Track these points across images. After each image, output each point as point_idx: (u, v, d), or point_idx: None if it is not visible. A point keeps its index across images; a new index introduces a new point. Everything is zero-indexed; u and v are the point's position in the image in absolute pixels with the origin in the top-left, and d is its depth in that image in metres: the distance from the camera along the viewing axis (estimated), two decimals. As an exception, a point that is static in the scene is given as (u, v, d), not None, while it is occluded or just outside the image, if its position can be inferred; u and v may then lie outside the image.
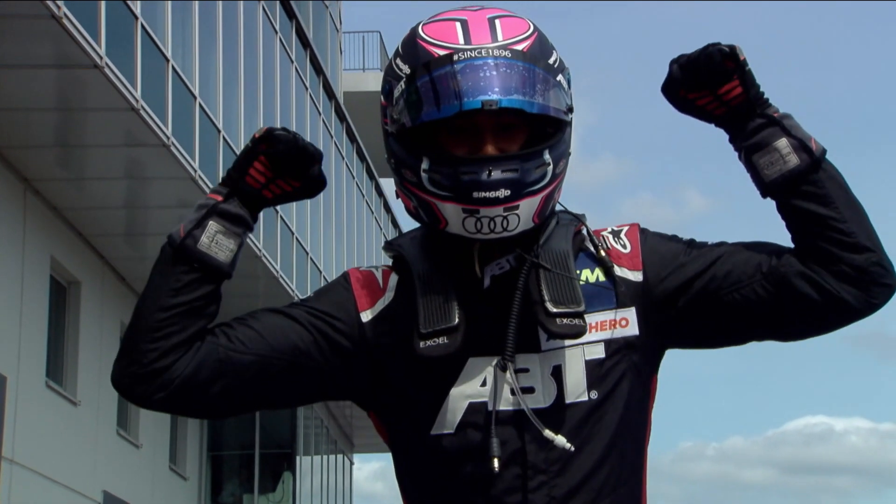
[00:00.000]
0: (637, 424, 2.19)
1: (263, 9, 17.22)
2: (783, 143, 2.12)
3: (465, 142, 2.09)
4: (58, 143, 12.92)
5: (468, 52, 2.07)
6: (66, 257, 14.53)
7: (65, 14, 10.42)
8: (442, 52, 2.08)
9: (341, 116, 22.31)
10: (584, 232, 2.21)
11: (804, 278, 2.12)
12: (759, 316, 2.15)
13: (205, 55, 14.64)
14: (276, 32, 17.95)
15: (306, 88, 19.69)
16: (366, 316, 2.17)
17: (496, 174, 2.06)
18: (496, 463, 2.08)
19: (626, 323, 2.16)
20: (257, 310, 2.18)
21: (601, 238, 2.22)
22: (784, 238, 2.18)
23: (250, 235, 2.15)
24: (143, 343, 2.06)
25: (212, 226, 2.08)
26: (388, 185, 28.34)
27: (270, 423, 20.93)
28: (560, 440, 2.09)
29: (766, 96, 2.15)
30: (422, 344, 2.09)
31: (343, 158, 22.26)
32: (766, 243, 2.19)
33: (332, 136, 21.38)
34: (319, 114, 20.48)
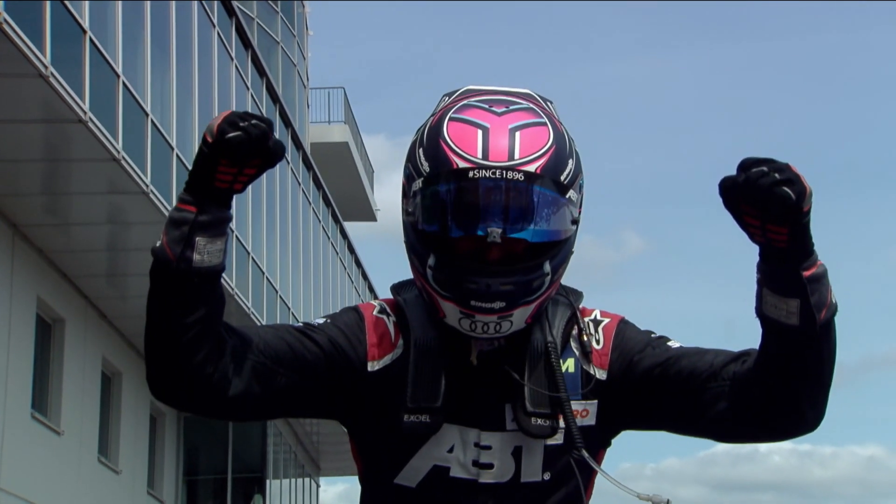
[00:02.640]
0: (581, 493, 2.18)
1: (236, 67, 17.23)
2: (794, 304, 1.91)
3: (473, 243, 2.03)
4: (44, 192, 12.83)
5: (483, 171, 1.99)
6: (51, 297, 14.38)
7: (52, 73, 10.40)
8: (461, 164, 2.01)
9: (308, 165, 22.29)
10: (576, 321, 2.15)
11: (726, 397, 2.04)
12: (692, 413, 2.08)
13: (182, 110, 14.62)
14: (248, 89, 17.94)
15: (276, 140, 19.63)
16: (372, 366, 2.12)
17: (495, 287, 2.01)
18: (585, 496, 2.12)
19: (587, 414, 2.12)
20: (290, 328, 2.12)
21: (587, 325, 2.16)
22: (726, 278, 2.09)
23: (224, 276, 2.09)
24: (185, 362, 1.96)
25: (199, 241, 1.95)
26: (352, 228, 28.27)
27: (242, 449, 20.75)
28: (659, 498, 2.07)
29: (812, 248, 1.90)
30: (405, 417, 2.07)
31: (310, 204, 22.24)
32: (720, 351, 2.10)
33: (299, 184, 21.36)
34: (288, 163, 20.45)
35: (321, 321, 2.16)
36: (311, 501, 25.94)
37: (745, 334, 2.08)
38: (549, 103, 2.16)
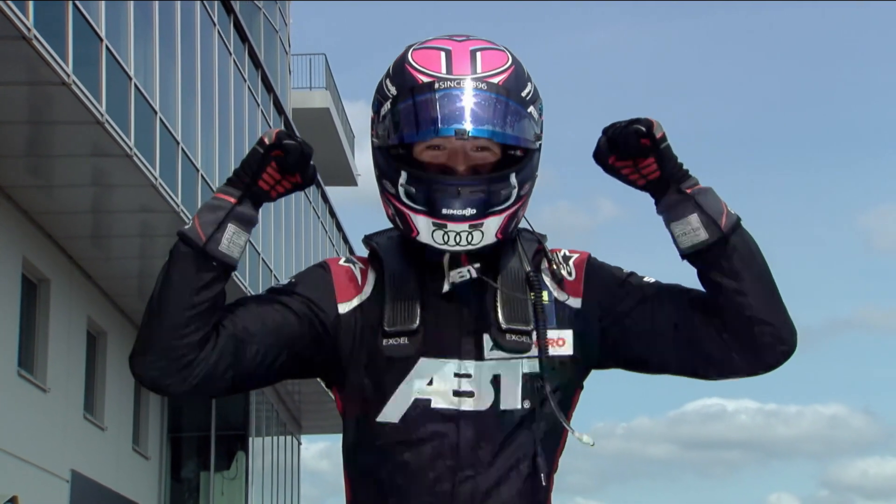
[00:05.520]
0: (558, 430, 2.18)
1: (219, 33, 17.03)
2: (694, 218, 2.08)
3: (441, 158, 2.08)
4: (29, 154, 12.69)
5: (448, 82, 2.07)
6: (36, 257, 14.27)
7: (35, 36, 10.24)
8: (425, 79, 2.08)
9: (290, 130, 22.13)
10: (544, 252, 2.19)
11: (710, 333, 2.11)
12: (676, 350, 2.14)
13: (165, 74, 14.44)
14: (231, 54, 17.76)
15: (258, 105, 19.50)
16: (343, 308, 2.14)
17: (465, 194, 2.06)
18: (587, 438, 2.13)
19: (563, 343, 2.15)
20: (254, 297, 2.15)
21: (555, 257, 2.20)
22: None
23: None
24: (172, 340, 2.01)
25: (230, 228, 2.05)
26: (333, 192, 28.17)
27: (225, 407, 20.72)
28: (587, 438, 2.11)
29: (685, 169, 2.11)
30: (384, 342, 2.10)
31: (292, 168, 22.10)
32: (696, 290, 2.15)
33: (281, 149, 21.20)
34: (270, 128, 20.30)
35: (286, 282, 2.19)
36: (292, 458, 25.96)
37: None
38: (506, 49, 2.21)
